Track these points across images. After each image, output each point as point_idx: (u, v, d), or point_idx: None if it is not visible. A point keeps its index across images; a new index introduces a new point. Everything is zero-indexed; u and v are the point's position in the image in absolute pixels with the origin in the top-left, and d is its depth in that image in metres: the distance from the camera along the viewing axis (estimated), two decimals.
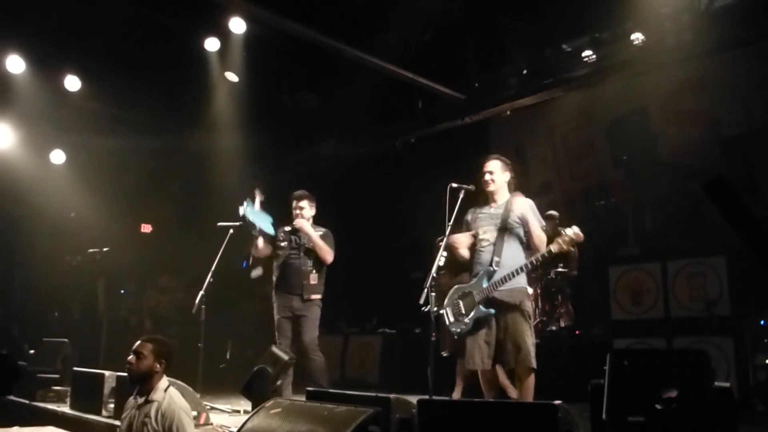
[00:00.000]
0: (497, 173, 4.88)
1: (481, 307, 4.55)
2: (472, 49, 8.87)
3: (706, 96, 7.88)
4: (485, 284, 4.58)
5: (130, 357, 3.79)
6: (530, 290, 5.48)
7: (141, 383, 3.79)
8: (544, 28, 8.44)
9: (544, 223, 4.83)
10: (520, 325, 4.51)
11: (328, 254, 6.08)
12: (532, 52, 8.59)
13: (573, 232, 4.37)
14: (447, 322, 4.77)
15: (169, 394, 3.77)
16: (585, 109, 9.03)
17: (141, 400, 3.77)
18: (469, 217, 4.94)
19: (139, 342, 3.86)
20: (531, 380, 4.48)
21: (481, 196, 4.99)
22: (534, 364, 4.46)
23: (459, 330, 4.66)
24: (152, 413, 3.66)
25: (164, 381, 3.84)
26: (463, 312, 4.65)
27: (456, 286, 4.86)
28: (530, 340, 4.50)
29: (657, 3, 7.19)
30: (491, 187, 4.86)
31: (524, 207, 4.74)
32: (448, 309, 4.78)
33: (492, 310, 4.54)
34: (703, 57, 7.44)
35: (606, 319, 6.85)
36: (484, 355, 4.50)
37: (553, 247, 4.43)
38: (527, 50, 8.60)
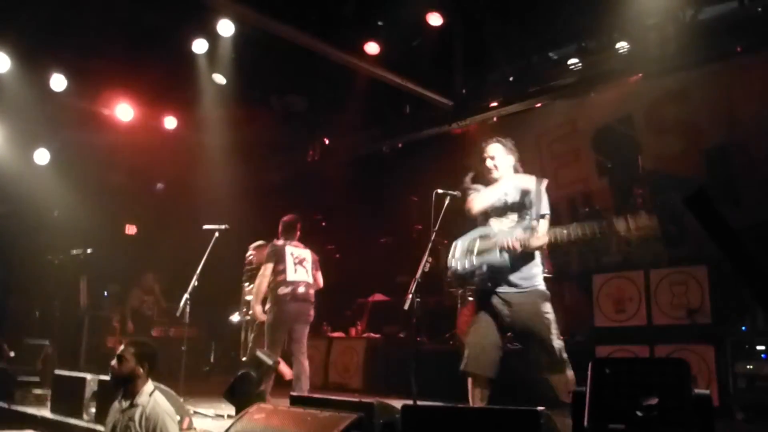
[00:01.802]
0: (500, 157, 4.43)
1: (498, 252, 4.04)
2: (459, 56, 8.93)
3: (689, 106, 7.98)
4: (522, 234, 4.04)
5: (113, 361, 3.77)
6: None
7: (124, 387, 3.77)
8: (532, 36, 8.52)
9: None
10: None
11: None
12: (519, 60, 8.66)
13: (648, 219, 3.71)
14: (452, 257, 4.25)
15: (153, 398, 3.75)
16: (571, 117, 9.11)
17: (126, 404, 3.74)
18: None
19: (121, 345, 3.86)
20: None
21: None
22: None
23: (459, 267, 4.18)
24: (136, 417, 3.64)
25: (149, 385, 3.81)
26: (475, 251, 4.14)
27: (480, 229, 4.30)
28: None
29: (643, 14, 7.28)
30: (495, 174, 4.40)
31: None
32: (459, 242, 4.27)
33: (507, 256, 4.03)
34: (687, 67, 7.54)
35: (589, 326, 6.90)
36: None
37: (620, 226, 3.77)
38: (514, 58, 8.68)
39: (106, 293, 11.12)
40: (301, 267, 6.38)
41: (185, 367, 6.41)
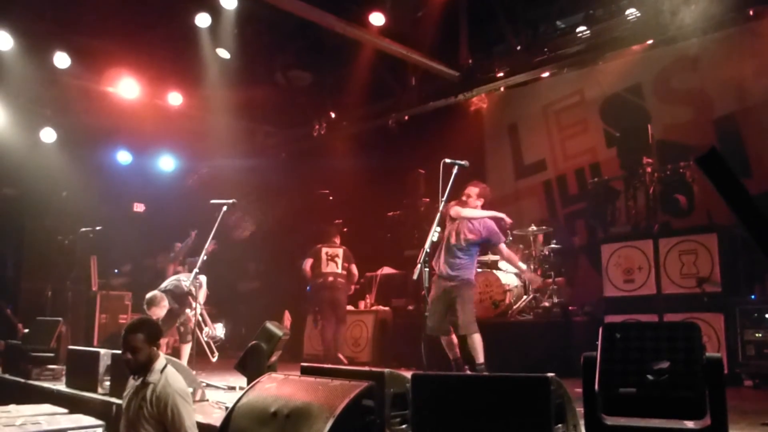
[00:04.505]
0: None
1: None
2: (465, 26, 8.82)
3: (699, 74, 7.87)
4: None
5: (127, 354, 3.62)
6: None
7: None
8: (539, 4, 8.39)
9: None
10: None
11: None
12: (525, 29, 8.54)
13: None
14: None
15: (165, 375, 3.64)
16: (579, 87, 9.02)
17: (138, 382, 3.67)
18: None
19: (126, 335, 3.65)
20: None
21: None
22: None
23: None
24: (148, 396, 3.57)
25: (161, 360, 3.72)
26: None
27: None
28: None
29: None
30: None
31: None
32: None
33: None
34: (697, 34, 7.40)
35: (598, 295, 6.90)
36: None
37: None
38: (521, 27, 8.55)
39: (116, 271, 11.20)
40: (332, 262, 8.16)
41: (197, 343, 6.48)
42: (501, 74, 8.84)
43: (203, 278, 6.71)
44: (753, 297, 6.10)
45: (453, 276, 5.84)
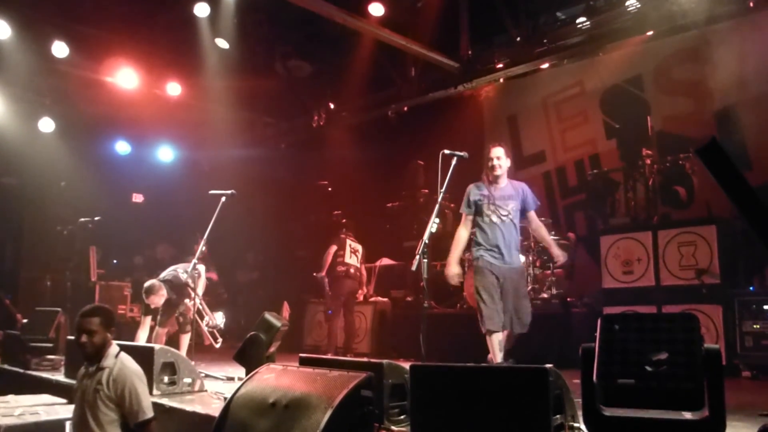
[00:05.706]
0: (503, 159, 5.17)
1: None
2: (465, 17, 8.78)
3: (699, 66, 7.85)
4: None
5: (82, 337, 3.68)
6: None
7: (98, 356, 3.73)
8: None
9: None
10: None
11: None
12: (526, 20, 8.50)
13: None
14: None
15: (120, 359, 3.73)
16: (579, 78, 8.99)
17: (92, 368, 3.73)
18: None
19: (82, 319, 3.73)
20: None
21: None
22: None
23: None
24: (104, 380, 3.64)
25: (114, 347, 3.79)
26: None
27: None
28: None
29: None
30: (498, 172, 5.16)
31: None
32: None
33: None
34: (697, 26, 7.38)
35: (597, 287, 6.91)
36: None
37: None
38: (521, 18, 8.52)
39: (115, 262, 11.20)
40: (354, 255, 8.24)
41: (196, 334, 6.49)
42: (501, 65, 8.81)
43: (201, 268, 6.71)
44: (752, 288, 6.11)
45: (514, 260, 5.16)
